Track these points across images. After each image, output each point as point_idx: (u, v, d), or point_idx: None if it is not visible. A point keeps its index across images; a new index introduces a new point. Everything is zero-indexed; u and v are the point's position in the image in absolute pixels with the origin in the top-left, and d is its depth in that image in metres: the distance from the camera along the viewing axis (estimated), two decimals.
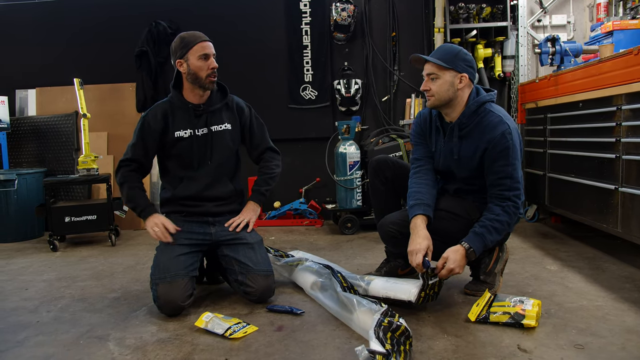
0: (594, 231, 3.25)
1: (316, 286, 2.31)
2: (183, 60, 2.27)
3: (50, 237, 3.58)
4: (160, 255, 2.25)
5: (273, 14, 4.37)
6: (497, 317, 1.92)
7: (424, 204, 2.12)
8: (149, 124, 2.35)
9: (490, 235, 2.02)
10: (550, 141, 3.39)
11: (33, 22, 4.51)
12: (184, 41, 2.28)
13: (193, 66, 2.26)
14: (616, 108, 2.56)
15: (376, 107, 4.40)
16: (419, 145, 2.34)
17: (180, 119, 2.36)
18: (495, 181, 2.06)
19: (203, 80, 2.29)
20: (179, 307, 2.14)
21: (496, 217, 2.03)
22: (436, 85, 2.10)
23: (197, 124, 2.37)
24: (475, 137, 2.10)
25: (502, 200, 2.05)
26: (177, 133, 2.35)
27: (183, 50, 2.27)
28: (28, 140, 4.41)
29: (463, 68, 2.08)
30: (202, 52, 2.26)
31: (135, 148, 2.38)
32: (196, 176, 2.39)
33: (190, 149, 2.36)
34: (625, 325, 1.88)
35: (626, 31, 3.38)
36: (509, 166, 2.03)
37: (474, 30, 4.04)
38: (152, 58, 4.30)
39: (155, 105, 2.42)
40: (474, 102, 2.11)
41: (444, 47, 2.16)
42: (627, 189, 2.45)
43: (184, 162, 2.38)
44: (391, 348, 1.51)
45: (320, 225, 4.20)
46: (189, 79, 2.30)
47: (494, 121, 2.06)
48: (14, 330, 2.08)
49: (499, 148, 2.03)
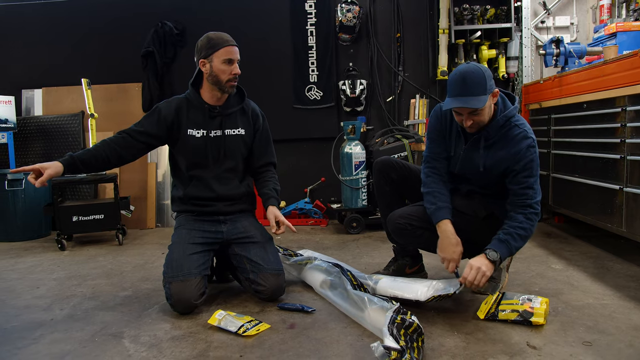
0: (597, 231, 3.29)
1: (326, 284, 2.34)
2: (207, 60, 2.28)
3: (58, 236, 3.61)
4: (173, 254, 2.27)
5: (278, 14, 4.40)
6: (505, 314, 1.96)
7: (449, 208, 2.15)
8: (160, 111, 2.36)
9: (514, 242, 2.05)
10: (554, 142, 3.43)
11: (39, 22, 4.53)
12: (211, 42, 2.28)
13: (216, 68, 2.27)
14: (621, 109, 2.59)
15: (381, 107, 4.44)
16: (436, 142, 2.28)
17: (194, 117, 2.37)
18: (518, 191, 2.09)
19: (223, 84, 2.30)
20: (191, 306, 2.17)
21: (520, 224, 2.05)
22: (480, 117, 2.04)
23: (211, 125, 2.38)
24: (500, 148, 2.11)
25: (523, 208, 2.07)
26: (190, 131, 2.36)
27: (208, 51, 2.27)
28: (34, 140, 4.44)
29: (492, 86, 2.03)
30: (227, 57, 2.28)
31: (134, 125, 2.38)
32: (207, 176, 2.40)
33: (202, 149, 2.37)
34: (632, 322, 1.91)
35: (629, 33, 3.43)
36: (532, 177, 2.07)
37: (478, 32, 4.07)
38: (158, 58, 4.33)
39: (171, 98, 2.43)
40: (502, 117, 2.09)
41: (470, 77, 1.97)
42: (631, 189, 2.48)
43: (195, 162, 2.39)
44: (405, 344, 1.55)
45: (325, 225, 4.23)
46: (210, 80, 2.31)
47: (520, 135, 2.08)
48: (29, 327, 2.10)
49: (524, 161, 2.06)
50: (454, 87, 2.00)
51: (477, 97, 1.96)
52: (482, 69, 2.01)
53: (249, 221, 2.47)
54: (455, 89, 2.00)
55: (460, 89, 1.98)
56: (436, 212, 2.14)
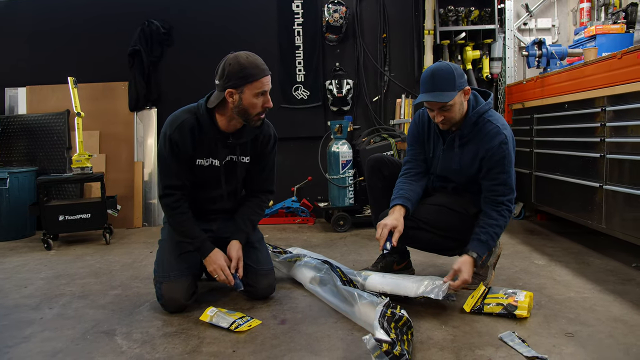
0: (578, 227, 3.38)
1: (315, 281, 2.37)
2: (236, 91, 2.04)
3: (44, 236, 3.58)
4: (164, 253, 2.27)
5: (266, 14, 4.42)
6: (491, 308, 2.01)
7: (404, 197, 2.24)
8: (177, 146, 2.13)
9: (492, 241, 2.14)
10: (537, 141, 3.51)
11: (23, 20, 4.48)
12: (245, 71, 2.02)
13: (247, 102, 2.05)
14: (600, 109, 2.68)
15: (367, 107, 4.48)
16: (412, 147, 2.41)
17: (205, 146, 2.20)
18: (490, 187, 2.15)
19: (252, 117, 2.11)
20: (182, 305, 2.18)
21: (495, 222, 2.13)
22: (450, 112, 2.11)
23: (220, 154, 2.24)
24: (474, 145, 2.18)
25: (496, 204, 2.14)
26: (199, 161, 2.21)
27: (240, 81, 2.02)
28: (18, 139, 4.38)
29: (462, 83, 2.10)
30: (262, 89, 2.05)
31: (171, 173, 2.18)
32: (205, 196, 2.33)
33: (206, 177, 2.26)
34: (612, 314, 1.99)
35: (608, 35, 3.52)
36: (504, 174, 2.13)
37: (463, 33, 4.15)
38: (145, 57, 4.32)
39: (177, 119, 2.15)
40: (473, 113, 2.16)
41: (439, 74, 2.08)
42: (611, 187, 2.57)
43: (197, 184, 2.28)
44: (395, 337, 1.59)
45: (312, 223, 4.27)
46: (236, 111, 2.10)
47: (493, 131, 2.14)
48: (18, 326, 2.10)
49: (496, 157, 2.12)
50: (423, 84, 2.11)
51: (445, 92, 2.05)
52: (451, 67, 2.10)
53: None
54: (425, 85, 2.11)
55: (429, 85, 2.09)
56: (391, 202, 2.25)
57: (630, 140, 2.44)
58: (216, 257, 2.19)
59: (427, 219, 2.24)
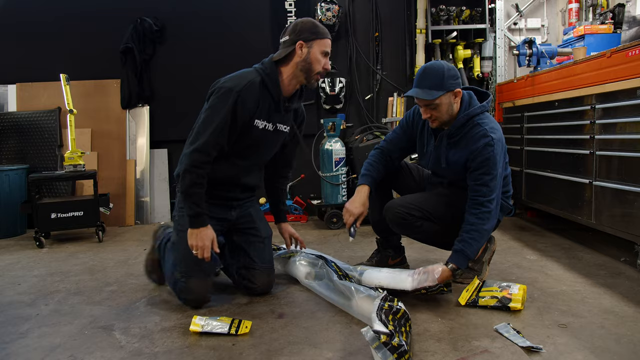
0: (568, 224, 3.45)
1: (311, 276, 2.39)
2: (306, 44, 2.12)
3: (36, 234, 3.55)
4: (185, 248, 2.12)
5: (259, 12, 4.42)
6: (485, 301, 2.05)
7: (372, 177, 2.38)
8: (243, 104, 2.08)
9: (470, 247, 2.11)
10: (527, 139, 3.57)
11: (13, 17, 4.43)
12: (317, 28, 2.13)
13: (313, 56, 2.13)
14: (590, 107, 2.73)
15: (359, 105, 4.52)
16: (399, 131, 2.46)
17: (265, 106, 2.17)
18: (473, 187, 2.17)
19: (313, 75, 2.16)
20: (206, 300, 2.19)
21: (472, 227, 2.12)
22: (437, 111, 2.15)
23: (275, 117, 2.22)
24: (462, 147, 2.21)
25: (476, 206, 2.13)
26: (257, 121, 2.17)
27: (312, 36, 2.12)
28: (8, 137, 4.33)
29: (453, 85, 2.13)
30: (327, 49, 2.16)
31: (218, 133, 2.06)
32: (241, 163, 2.26)
33: (257, 141, 2.22)
34: (603, 306, 2.04)
35: (596, 35, 3.59)
36: (487, 175, 2.13)
37: (454, 32, 4.20)
38: (138, 55, 4.30)
39: (244, 77, 2.11)
40: (463, 115, 2.19)
41: (429, 72, 2.14)
42: (600, 183, 2.62)
43: (238, 149, 2.21)
44: (394, 329, 1.61)
45: (305, 221, 4.29)
46: (300, 66, 2.14)
47: (479, 134, 2.15)
48: (14, 322, 2.09)
49: (480, 159, 2.13)
50: (415, 79, 2.19)
51: (430, 90, 2.11)
52: (444, 67, 2.13)
53: (255, 209, 2.45)
54: (415, 81, 2.18)
55: (418, 81, 2.16)
56: (362, 178, 2.39)
57: (619, 137, 2.49)
58: (205, 235, 2.08)
59: (435, 211, 2.26)
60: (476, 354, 1.65)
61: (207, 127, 2.06)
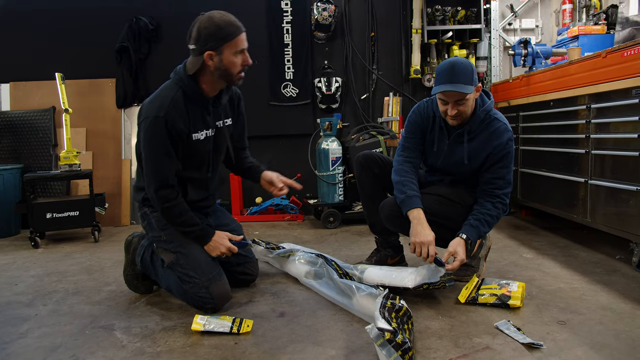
0: (563, 222, 3.48)
1: (310, 275, 2.40)
2: (215, 53, 1.99)
3: (32, 234, 3.53)
4: (194, 257, 2.11)
5: (255, 12, 4.41)
6: (485, 298, 2.07)
7: (420, 197, 2.23)
8: (174, 126, 2.00)
9: (483, 227, 2.19)
10: (522, 138, 3.60)
11: (6, 16, 4.39)
12: (221, 32, 1.98)
13: (227, 61, 2.01)
14: (585, 107, 2.77)
15: (355, 105, 4.53)
16: (412, 135, 2.37)
17: (197, 117, 2.10)
18: (490, 180, 2.22)
19: (234, 77, 2.06)
20: (230, 297, 2.19)
21: (488, 212, 2.20)
22: (465, 106, 2.13)
23: (210, 121, 2.16)
24: (482, 141, 2.23)
25: (492, 197, 2.21)
26: (195, 135, 2.09)
27: (218, 42, 1.98)
28: (2, 136, 4.29)
29: (476, 80, 2.14)
30: (240, 47, 2.03)
31: (166, 161, 2.03)
32: (204, 178, 2.25)
33: (204, 151, 2.17)
34: (600, 303, 2.06)
35: (590, 36, 3.63)
36: (505, 169, 2.21)
37: (450, 32, 4.22)
38: (133, 54, 4.28)
39: (165, 98, 2.02)
40: (482, 111, 2.21)
41: (460, 68, 2.08)
42: (595, 182, 2.66)
43: (194, 165, 2.17)
44: (397, 326, 1.62)
45: (301, 220, 4.29)
46: (217, 74, 2.04)
47: (501, 128, 2.21)
48: (14, 323, 2.08)
49: (502, 153, 2.19)
50: (443, 75, 2.10)
51: (465, 85, 2.06)
52: (470, 62, 2.15)
53: (222, 211, 2.52)
54: (445, 77, 2.09)
55: (449, 76, 2.08)
56: (408, 200, 2.20)
57: (614, 136, 2.53)
58: (221, 240, 2.16)
59: (429, 208, 2.26)
60: (478, 350, 1.67)
61: (155, 163, 2.04)
